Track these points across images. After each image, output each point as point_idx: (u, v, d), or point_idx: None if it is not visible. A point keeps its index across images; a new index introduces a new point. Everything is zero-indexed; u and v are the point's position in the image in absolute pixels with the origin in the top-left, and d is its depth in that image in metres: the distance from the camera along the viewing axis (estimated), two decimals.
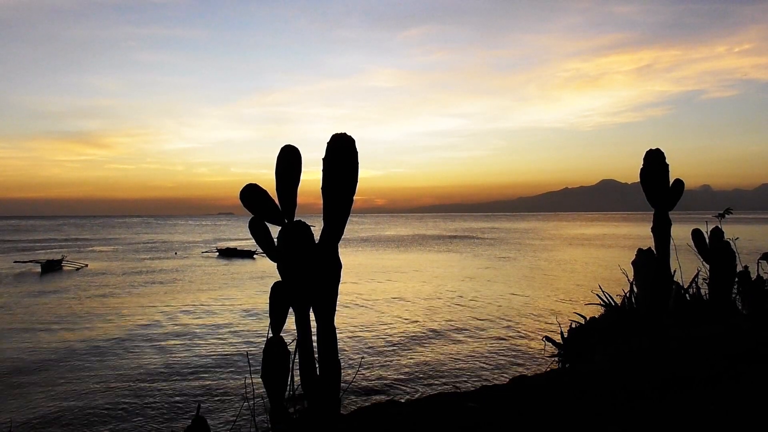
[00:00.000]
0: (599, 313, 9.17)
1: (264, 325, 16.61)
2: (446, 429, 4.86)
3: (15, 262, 38.96)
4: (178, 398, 10.66)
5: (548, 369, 9.01)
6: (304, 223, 4.68)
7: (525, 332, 15.71)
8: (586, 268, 34.00)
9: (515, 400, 5.60)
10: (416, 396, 9.90)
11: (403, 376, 11.71)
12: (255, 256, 44.96)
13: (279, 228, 4.71)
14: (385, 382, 11.34)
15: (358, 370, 11.45)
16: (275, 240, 4.70)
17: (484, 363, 12.64)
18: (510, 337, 15.21)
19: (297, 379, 4.75)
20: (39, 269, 35.38)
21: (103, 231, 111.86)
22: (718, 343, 6.72)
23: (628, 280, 8.81)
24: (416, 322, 17.71)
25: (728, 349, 6.42)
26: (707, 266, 8.64)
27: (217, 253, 49.15)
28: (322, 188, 4.68)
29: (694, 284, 9.24)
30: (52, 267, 35.84)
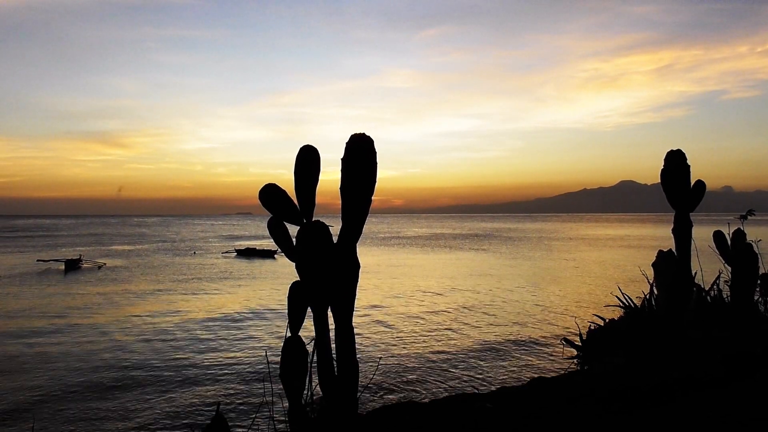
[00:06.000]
0: (618, 315, 9.10)
1: (282, 324, 16.69)
2: (464, 430, 4.85)
3: (38, 261, 39.59)
4: (196, 397, 10.75)
5: (567, 370, 8.96)
6: (323, 222, 4.70)
7: (544, 333, 15.62)
8: (606, 269, 33.71)
9: (532, 401, 5.58)
10: (434, 396, 9.89)
11: (421, 376, 11.70)
12: (276, 255, 45.05)
13: (298, 228, 4.74)
14: (403, 381, 11.35)
15: (376, 370, 11.46)
16: (294, 240, 4.72)
17: (503, 363, 12.59)
18: (529, 337, 15.14)
19: (315, 378, 4.77)
20: (62, 267, 35.96)
21: (122, 230, 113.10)
22: (737, 345, 6.64)
23: (648, 281, 8.73)
24: (435, 321, 17.69)
25: (746, 351, 6.34)
26: (729, 268, 8.53)
27: (235, 253, 49.39)
28: (340, 188, 4.69)
29: (715, 286, 9.13)
30: (72, 265, 36.40)
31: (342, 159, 4.65)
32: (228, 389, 11.12)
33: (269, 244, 48.87)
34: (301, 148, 4.70)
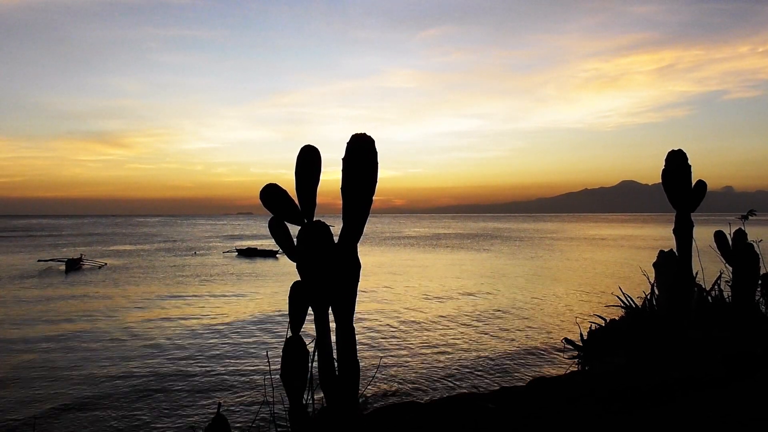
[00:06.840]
0: (619, 315, 9.10)
1: (283, 324, 16.69)
2: (464, 430, 4.86)
3: (39, 261, 39.64)
4: (197, 397, 10.75)
5: (568, 370, 8.96)
6: (324, 222, 4.71)
7: (545, 333, 15.62)
8: (607, 269, 33.70)
9: (533, 401, 5.59)
10: (435, 396, 9.89)
11: (422, 376, 11.70)
12: (278, 255, 45.02)
13: (299, 228, 4.74)
14: (404, 381, 11.35)
15: (377, 370, 11.46)
16: (295, 240, 4.73)
17: (503, 363, 12.59)
18: (530, 337, 15.13)
19: (316, 378, 4.77)
20: (63, 267, 35.99)
21: (123, 230, 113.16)
22: (737, 345, 6.64)
23: (649, 281, 8.73)
24: (436, 321, 17.69)
25: (747, 351, 6.34)
26: (730, 268, 8.53)
27: (236, 253, 49.40)
28: (341, 188, 4.70)
29: (716, 287, 9.13)
30: (73, 265, 36.41)
31: (343, 159, 4.66)
32: (228, 389, 11.13)
33: (270, 244, 48.87)
34: (301, 148, 4.71)
